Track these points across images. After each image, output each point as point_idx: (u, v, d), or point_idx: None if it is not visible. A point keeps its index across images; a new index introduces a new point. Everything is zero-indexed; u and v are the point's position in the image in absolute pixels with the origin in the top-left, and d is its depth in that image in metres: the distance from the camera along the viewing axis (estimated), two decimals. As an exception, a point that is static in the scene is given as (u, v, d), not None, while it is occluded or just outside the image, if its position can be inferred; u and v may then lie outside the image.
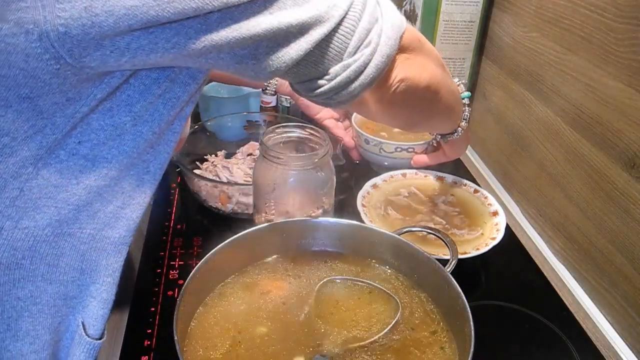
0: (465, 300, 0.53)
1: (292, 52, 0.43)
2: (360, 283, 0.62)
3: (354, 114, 1.01)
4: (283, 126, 0.72)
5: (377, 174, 0.91)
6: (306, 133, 0.71)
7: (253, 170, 0.73)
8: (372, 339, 0.55)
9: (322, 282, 0.61)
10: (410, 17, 1.08)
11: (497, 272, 0.80)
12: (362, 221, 0.78)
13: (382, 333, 0.56)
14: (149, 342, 0.65)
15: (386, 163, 0.96)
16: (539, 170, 0.90)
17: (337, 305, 0.59)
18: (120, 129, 0.43)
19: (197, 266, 0.56)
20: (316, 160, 0.67)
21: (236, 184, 0.87)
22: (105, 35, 0.36)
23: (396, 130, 1.02)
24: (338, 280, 0.62)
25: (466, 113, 0.74)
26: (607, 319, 0.74)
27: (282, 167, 0.67)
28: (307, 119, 0.98)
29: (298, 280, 0.63)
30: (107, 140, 0.43)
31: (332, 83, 0.46)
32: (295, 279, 0.63)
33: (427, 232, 0.70)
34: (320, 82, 0.47)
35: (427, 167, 0.93)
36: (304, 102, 0.91)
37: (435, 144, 0.92)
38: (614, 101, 0.71)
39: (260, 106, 1.16)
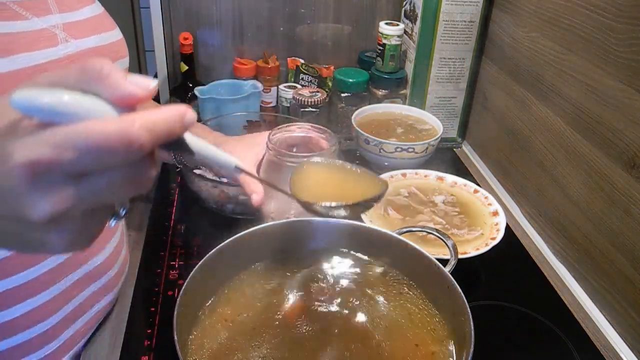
0: (465, 300, 0.53)
1: None
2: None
3: (354, 114, 1.02)
4: (290, 125, 0.72)
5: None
6: (313, 132, 0.71)
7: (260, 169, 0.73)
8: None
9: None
10: (410, 17, 1.08)
11: (497, 272, 0.80)
12: (362, 221, 0.77)
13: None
14: (149, 342, 0.65)
15: (386, 163, 0.96)
16: (539, 170, 0.90)
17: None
18: None
19: (197, 266, 0.55)
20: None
21: (236, 184, 0.87)
22: None
23: (398, 130, 1.02)
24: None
25: None
26: (607, 319, 0.74)
27: (287, 165, 0.67)
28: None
29: (298, 279, 0.63)
30: None
31: None
32: (295, 278, 0.63)
33: (427, 232, 0.70)
34: None
35: (428, 167, 0.93)
36: None
37: None
38: (614, 101, 0.71)
39: (260, 106, 1.16)
